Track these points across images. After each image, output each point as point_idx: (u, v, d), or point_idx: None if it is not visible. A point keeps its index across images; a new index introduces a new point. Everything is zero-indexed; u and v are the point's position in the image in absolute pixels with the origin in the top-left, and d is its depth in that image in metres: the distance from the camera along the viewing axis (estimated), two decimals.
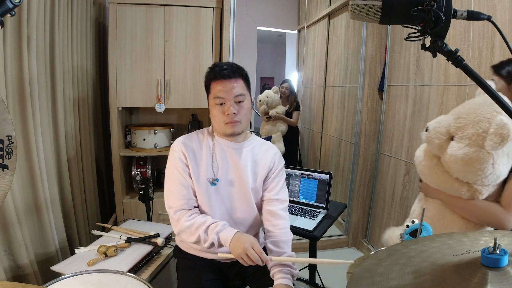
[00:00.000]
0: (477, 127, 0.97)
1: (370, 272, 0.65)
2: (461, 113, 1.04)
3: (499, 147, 0.93)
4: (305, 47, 4.05)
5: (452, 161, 1.02)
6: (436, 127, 1.05)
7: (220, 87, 1.23)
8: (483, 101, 1.03)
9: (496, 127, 0.91)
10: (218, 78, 1.24)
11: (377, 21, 0.86)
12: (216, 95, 1.24)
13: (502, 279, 0.55)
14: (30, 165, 1.60)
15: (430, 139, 1.07)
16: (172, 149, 1.32)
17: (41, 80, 1.70)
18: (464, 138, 1.00)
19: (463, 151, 0.99)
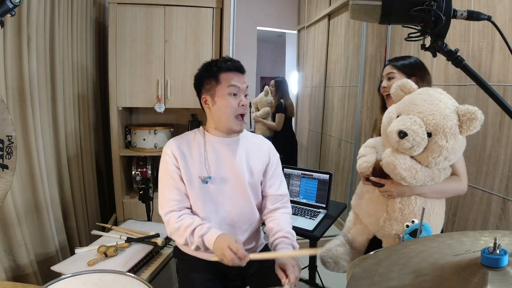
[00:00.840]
0: (450, 120, 1.07)
1: (370, 272, 0.65)
2: (425, 111, 1.10)
3: (476, 129, 1.07)
4: (305, 47, 4.05)
5: (436, 155, 1.11)
6: (414, 130, 1.09)
7: (236, 78, 1.25)
8: (434, 97, 1.12)
9: (468, 113, 1.06)
10: (232, 70, 1.26)
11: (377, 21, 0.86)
12: (231, 84, 1.23)
13: (502, 279, 0.55)
14: (30, 165, 1.60)
15: (415, 142, 1.10)
16: (163, 152, 1.33)
17: (41, 80, 1.70)
18: (444, 132, 1.08)
19: (449, 143, 1.09)
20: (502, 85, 1.53)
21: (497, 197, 1.56)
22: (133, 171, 2.56)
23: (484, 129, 1.62)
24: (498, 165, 1.56)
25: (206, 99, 1.29)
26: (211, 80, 1.28)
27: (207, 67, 1.31)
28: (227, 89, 1.24)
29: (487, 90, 0.78)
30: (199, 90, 1.33)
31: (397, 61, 1.40)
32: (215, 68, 1.27)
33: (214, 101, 1.27)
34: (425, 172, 1.16)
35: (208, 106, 1.29)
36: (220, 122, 1.29)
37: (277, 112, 3.42)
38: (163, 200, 1.29)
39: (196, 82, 1.35)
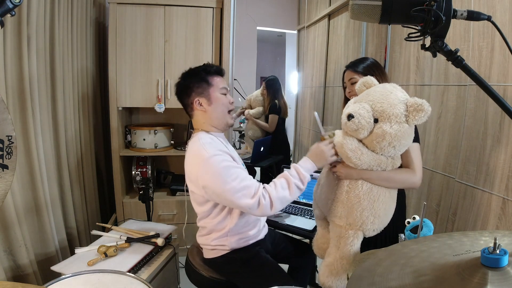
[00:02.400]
0: (396, 109, 1.15)
1: (370, 272, 0.65)
2: (375, 100, 1.19)
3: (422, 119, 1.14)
4: (305, 47, 4.05)
5: (380, 140, 1.18)
6: (361, 114, 1.18)
7: (222, 80, 1.43)
8: (387, 90, 1.21)
9: (416, 104, 1.14)
10: (218, 74, 1.43)
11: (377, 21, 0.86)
12: (222, 86, 1.41)
13: (502, 279, 0.55)
14: (30, 165, 1.60)
15: (361, 125, 1.18)
16: (210, 156, 1.28)
17: (41, 80, 1.71)
18: (389, 118, 1.16)
19: (393, 129, 1.16)
20: (502, 85, 1.53)
21: (497, 197, 1.56)
22: (133, 171, 2.56)
23: (484, 129, 1.62)
24: (498, 165, 1.56)
25: (200, 101, 1.39)
26: (201, 83, 1.39)
27: (194, 73, 1.42)
28: (220, 90, 1.40)
29: (487, 90, 0.78)
30: (188, 95, 1.41)
31: (356, 65, 1.50)
32: (203, 73, 1.40)
33: (210, 101, 1.39)
34: (371, 155, 1.23)
35: (203, 107, 1.39)
36: (218, 119, 1.41)
37: (271, 113, 3.35)
38: (241, 190, 1.24)
39: (183, 88, 1.42)
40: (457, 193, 1.76)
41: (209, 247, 1.44)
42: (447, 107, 1.84)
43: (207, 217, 1.41)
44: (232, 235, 1.41)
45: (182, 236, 2.53)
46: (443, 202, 1.81)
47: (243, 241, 1.43)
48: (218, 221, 1.39)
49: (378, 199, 1.27)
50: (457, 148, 1.75)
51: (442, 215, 1.81)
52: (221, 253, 1.43)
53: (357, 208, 1.26)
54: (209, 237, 1.43)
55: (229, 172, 1.26)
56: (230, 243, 1.41)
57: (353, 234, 1.28)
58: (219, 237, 1.41)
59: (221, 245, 1.42)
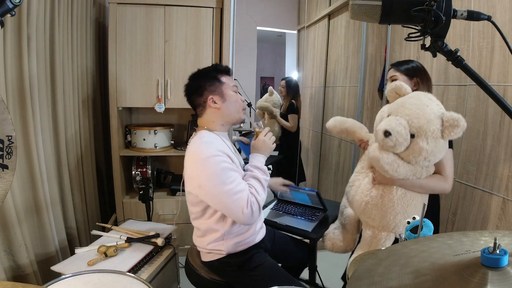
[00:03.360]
0: (433, 124, 1.18)
1: (370, 272, 0.65)
2: (411, 115, 1.21)
3: (457, 135, 1.17)
4: (305, 47, 4.05)
5: (417, 155, 1.22)
6: (398, 131, 1.19)
7: (231, 79, 1.46)
8: (422, 103, 1.23)
9: (452, 120, 1.16)
10: (228, 73, 1.45)
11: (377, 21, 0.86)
12: (233, 84, 1.44)
13: (502, 279, 0.55)
14: (30, 165, 1.60)
15: (398, 142, 1.21)
16: (210, 156, 1.27)
17: (41, 80, 1.70)
18: (426, 135, 1.19)
19: (429, 146, 1.19)
20: (502, 85, 1.53)
21: (497, 197, 1.56)
22: (133, 171, 2.56)
23: (484, 129, 1.62)
24: (498, 165, 1.56)
25: (214, 98, 1.39)
26: (213, 81, 1.40)
27: (204, 73, 1.43)
28: (232, 88, 1.43)
29: (487, 90, 0.78)
30: (201, 94, 1.40)
31: (400, 65, 1.52)
32: (214, 72, 1.42)
33: (224, 98, 1.40)
34: (407, 167, 1.26)
35: (217, 104, 1.39)
36: (231, 116, 1.42)
37: (290, 113, 3.34)
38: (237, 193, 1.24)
39: (195, 88, 1.42)
40: (457, 193, 1.77)
41: (205, 250, 1.43)
42: (447, 107, 1.83)
43: (201, 217, 1.40)
44: (228, 239, 1.38)
45: (182, 236, 2.53)
46: (443, 202, 1.81)
47: (239, 246, 1.41)
48: (213, 222, 1.37)
49: (411, 204, 1.32)
50: (457, 148, 1.75)
51: (442, 215, 1.81)
52: (217, 257, 1.41)
53: (391, 212, 1.32)
54: (204, 239, 1.41)
55: (227, 174, 1.25)
56: (226, 247, 1.39)
57: (385, 236, 1.35)
58: (215, 240, 1.39)
59: (218, 249, 1.40)
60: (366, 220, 1.42)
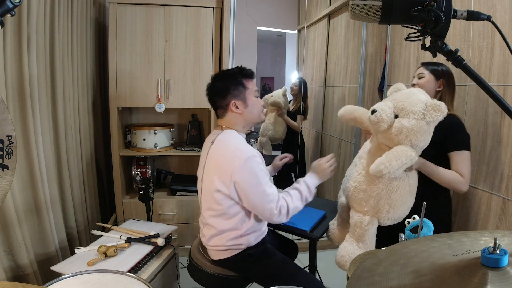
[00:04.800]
0: (416, 107, 1.26)
1: (370, 272, 0.65)
2: (398, 99, 1.31)
3: (438, 118, 1.25)
4: (305, 47, 4.05)
5: (398, 133, 1.29)
6: (383, 108, 1.29)
7: (254, 84, 1.50)
8: (411, 92, 1.33)
9: (434, 105, 1.24)
10: (251, 77, 1.49)
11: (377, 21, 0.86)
12: (255, 89, 1.49)
13: (502, 279, 0.55)
14: (30, 165, 1.60)
15: (381, 118, 1.30)
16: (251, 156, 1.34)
17: (41, 80, 1.70)
18: (407, 114, 1.27)
19: (410, 123, 1.26)
20: (502, 85, 1.53)
21: (497, 197, 1.56)
22: (133, 171, 2.56)
23: (484, 129, 1.62)
24: (498, 165, 1.56)
25: (236, 103, 1.43)
26: (238, 86, 1.43)
27: (230, 76, 1.46)
28: (254, 93, 1.47)
29: (487, 90, 0.78)
30: (224, 97, 1.43)
31: (430, 65, 1.58)
32: (239, 76, 1.45)
33: (247, 104, 1.44)
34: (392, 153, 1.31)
35: (239, 109, 1.43)
36: (253, 120, 1.48)
37: (299, 113, 3.39)
38: (270, 195, 1.35)
39: (219, 90, 1.45)
40: (457, 193, 1.76)
41: (223, 247, 1.43)
42: None
43: (222, 215, 1.40)
44: (249, 233, 1.43)
45: (182, 236, 2.53)
46: None
47: (258, 237, 1.47)
48: (235, 221, 1.40)
49: (397, 191, 1.37)
50: None
51: None
52: (235, 252, 1.43)
53: (375, 196, 1.39)
54: (222, 237, 1.42)
55: (263, 176, 1.35)
56: (247, 240, 1.43)
57: (368, 220, 1.42)
58: (236, 237, 1.41)
59: (237, 244, 1.42)
60: (354, 206, 1.49)
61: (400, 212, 1.40)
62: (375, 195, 1.40)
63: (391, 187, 1.37)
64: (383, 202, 1.38)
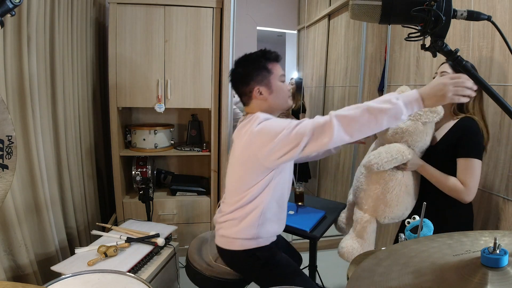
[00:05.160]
0: None
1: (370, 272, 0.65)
2: None
3: (434, 119, 1.31)
4: (305, 47, 4.05)
5: (394, 133, 1.36)
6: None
7: (280, 67, 1.40)
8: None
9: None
10: (276, 60, 1.40)
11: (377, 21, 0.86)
12: (281, 74, 1.39)
13: (502, 279, 0.55)
14: (30, 165, 1.60)
15: None
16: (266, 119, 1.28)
17: (41, 80, 1.70)
18: None
19: (405, 124, 1.32)
20: (502, 85, 1.53)
21: (497, 197, 1.56)
22: (133, 171, 2.56)
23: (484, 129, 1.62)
24: (498, 165, 1.56)
25: (260, 90, 1.36)
26: (261, 71, 1.36)
27: (252, 60, 1.38)
28: (280, 78, 1.38)
29: (487, 90, 0.78)
30: (247, 84, 1.36)
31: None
32: (263, 60, 1.36)
33: (272, 89, 1.37)
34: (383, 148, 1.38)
35: (264, 96, 1.36)
36: (279, 106, 1.41)
37: (301, 112, 3.41)
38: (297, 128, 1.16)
39: (241, 77, 1.38)
40: None
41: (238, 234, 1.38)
42: None
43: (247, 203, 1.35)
44: (263, 223, 1.35)
45: (182, 236, 2.53)
46: None
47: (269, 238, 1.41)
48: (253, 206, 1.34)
49: (392, 191, 1.41)
50: None
51: None
52: (246, 246, 1.38)
53: (372, 196, 1.46)
54: (239, 226, 1.37)
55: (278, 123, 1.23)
56: (258, 232, 1.35)
57: (368, 218, 1.49)
58: (249, 225, 1.35)
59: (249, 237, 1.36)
60: (357, 203, 1.58)
61: (397, 212, 1.44)
62: (372, 195, 1.46)
63: (387, 187, 1.41)
64: (379, 202, 1.44)
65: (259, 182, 1.32)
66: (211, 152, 2.54)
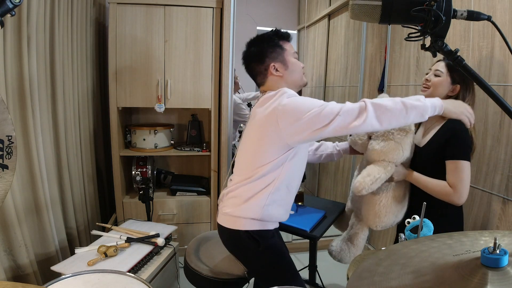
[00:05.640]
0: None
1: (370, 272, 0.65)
2: None
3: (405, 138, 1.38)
4: (305, 47, 4.05)
5: (372, 154, 1.43)
6: (357, 132, 1.45)
7: (292, 46, 1.42)
8: None
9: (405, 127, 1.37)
10: (289, 40, 1.42)
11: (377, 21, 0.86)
12: (294, 51, 1.41)
13: (502, 279, 0.55)
14: (30, 165, 1.60)
15: (354, 141, 1.53)
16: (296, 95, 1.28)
17: (41, 80, 1.70)
18: (378, 136, 1.42)
19: (379, 145, 1.40)
20: (502, 85, 1.53)
21: (497, 197, 1.56)
22: (133, 171, 2.56)
23: (484, 129, 1.62)
24: (498, 165, 1.56)
25: (276, 66, 1.36)
26: (275, 48, 1.36)
27: (265, 39, 1.38)
28: (293, 54, 1.39)
29: (487, 90, 0.78)
30: (262, 61, 1.36)
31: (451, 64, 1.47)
32: (275, 37, 1.38)
33: (287, 65, 1.37)
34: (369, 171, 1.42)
35: (280, 72, 1.36)
36: (295, 82, 1.40)
37: None
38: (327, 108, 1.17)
39: (254, 55, 1.38)
40: None
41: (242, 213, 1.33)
42: None
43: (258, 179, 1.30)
44: (269, 204, 1.32)
45: (182, 236, 2.53)
46: None
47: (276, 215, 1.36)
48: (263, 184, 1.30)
49: (380, 203, 1.47)
50: None
51: None
52: (248, 227, 1.33)
53: (363, 205, 1.55)
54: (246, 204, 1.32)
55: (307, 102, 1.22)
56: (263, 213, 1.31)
57: (360, 224, 1.60)
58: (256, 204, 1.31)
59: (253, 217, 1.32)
60: (354, 210, 1.68)
61: (387, 221, 1.49)
62: (363, 206, 1.55)
63: (374, 200, 1.48)
64: (369, 212, 1.51)
65: (275, 159, 1.28)
66: (211, 152, 2.54)
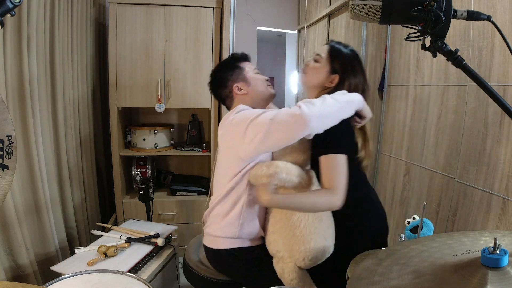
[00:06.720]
0: None
1: (370, 272, 0.65)
2: None
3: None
4: (305, 47, 4.05)
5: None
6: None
7: (253, 65, 1.47)
8: None
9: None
10: (247, 60, 1.48)
11: (377, 21, 0.86)
12: (254, 67, 1.46)
13: (502, 279, 0.55)
14: (30, 165, 1.60)
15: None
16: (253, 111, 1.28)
17: (41, 80, 1.71)
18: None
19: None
20: (502, 85, 1.53)
21: (497, 197, 1.56)
22: (133, 171, 2.56)
23: (484, 129, 1.62)
24: (498, 165, 1.56)
25: (239, 86, 1.40)
26: (234, 70, 1.42)
27: (223, 65, 1.46)
28: (254, 70, 1.44)
29: (487, 90, 0.78)
30: (225, 86, 1.42)
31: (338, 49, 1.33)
32: (233, 61, 1.44)
33: (249, 82, 1.41)
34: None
35: (243, 90, 1.40)
36: (260, 95, 1.43)
37: None
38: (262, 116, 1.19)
39: (218, 82, 1.44)
40: (457, 193, 1.76)
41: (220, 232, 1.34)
42: (447, 107, 1.84)
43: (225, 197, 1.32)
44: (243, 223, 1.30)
45: (182, 236, 2.53)
46: (443, 202, 1.81)
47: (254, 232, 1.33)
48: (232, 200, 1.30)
49: (300, 225, 1.15)
50: (457, 148, 1.75)
51: (442, 215, 1.81)
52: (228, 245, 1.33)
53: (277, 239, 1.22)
54: (223, 223, 1.33)
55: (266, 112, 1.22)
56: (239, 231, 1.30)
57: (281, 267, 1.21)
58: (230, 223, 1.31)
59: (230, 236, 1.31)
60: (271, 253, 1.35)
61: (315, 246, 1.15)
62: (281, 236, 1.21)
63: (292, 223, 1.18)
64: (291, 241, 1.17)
65: (236, 175, 1.28)
66: (211, 152, 2.54)
